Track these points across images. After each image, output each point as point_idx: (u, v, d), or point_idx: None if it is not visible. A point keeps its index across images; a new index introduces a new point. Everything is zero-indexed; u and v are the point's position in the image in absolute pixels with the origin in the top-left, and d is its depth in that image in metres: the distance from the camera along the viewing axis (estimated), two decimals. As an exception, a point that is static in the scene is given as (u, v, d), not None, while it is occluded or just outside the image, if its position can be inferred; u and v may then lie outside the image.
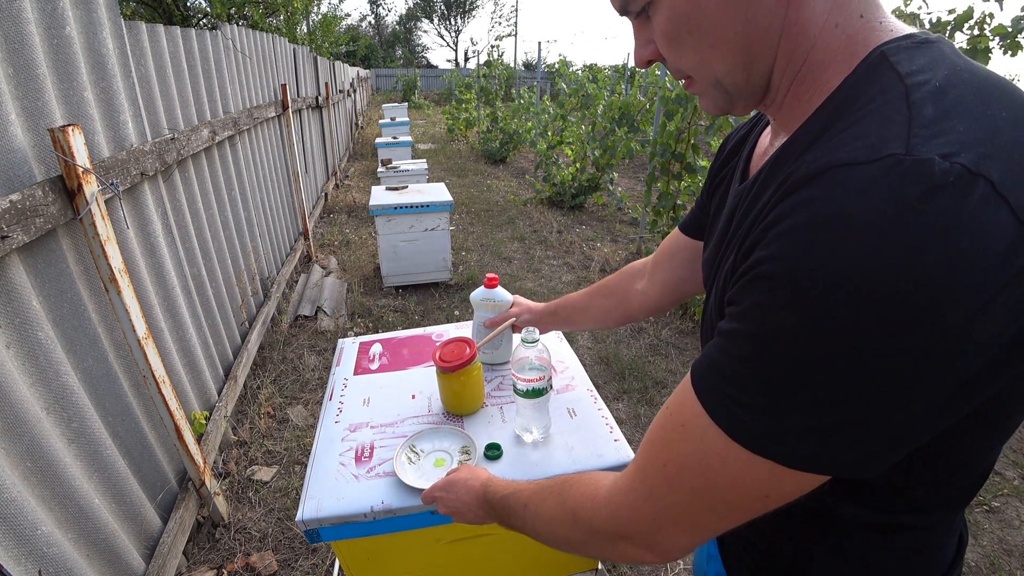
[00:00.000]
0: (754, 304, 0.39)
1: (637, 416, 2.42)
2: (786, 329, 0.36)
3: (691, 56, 0.47)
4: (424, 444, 0.98)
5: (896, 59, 0.40)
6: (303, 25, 9.18)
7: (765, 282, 0.38)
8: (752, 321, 0.39)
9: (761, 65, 0.46)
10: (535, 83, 8.60)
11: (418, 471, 0.92)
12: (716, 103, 0.51)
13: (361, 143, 10.34)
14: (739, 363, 0.40)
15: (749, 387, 0.39)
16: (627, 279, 0.98)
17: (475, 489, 0.73)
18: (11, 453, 1.05)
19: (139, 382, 1.54)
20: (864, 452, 0.37)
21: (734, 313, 0.41)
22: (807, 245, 0.35)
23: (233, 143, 2.68)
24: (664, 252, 0.88)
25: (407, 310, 3.40)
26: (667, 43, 0.47)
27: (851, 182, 0.35)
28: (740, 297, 0.40)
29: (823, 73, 0.44)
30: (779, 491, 0.40)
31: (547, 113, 7.30)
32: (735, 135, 0.70)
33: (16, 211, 1.06)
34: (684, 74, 0.50)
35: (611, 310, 0.99)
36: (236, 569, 1.67)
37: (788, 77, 0.46)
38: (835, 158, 0.36)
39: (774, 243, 0.37)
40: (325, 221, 5.28)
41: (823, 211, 0.35)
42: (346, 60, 18.43)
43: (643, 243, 4.46)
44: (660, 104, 3.67)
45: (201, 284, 2.13)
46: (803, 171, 0.38)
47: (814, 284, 0.34)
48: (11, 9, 1.14)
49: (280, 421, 2.36)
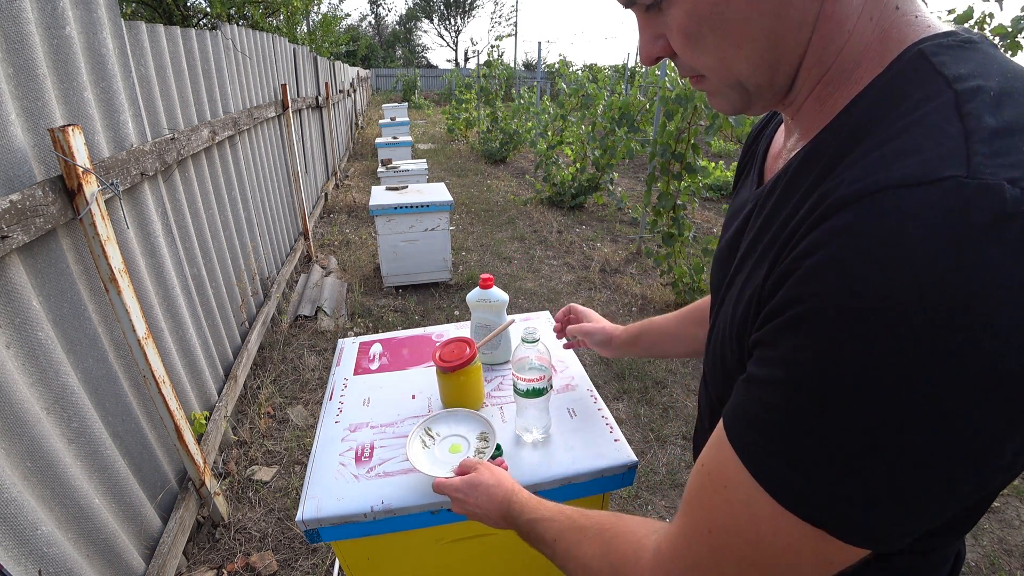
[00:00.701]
0: (795, 349, 0.34)
1: (637, 416, 2.42)
2: (838, 379, 0.32)
3: (711, 54, 0.42)
4: (440, 427, 0.95)
5: (939, 60, 0.36)
6: (303, 25, 9.18)
7: (806, 325, 0.33)
8: (794, 369, 0.34)
9: (788, 64, 0.42)
10: (535, 83, 8.60)
11: (431, 457, 0.88)
12: (732, 104, 0.47)
13: (361, 143, 10.34)
14: (782, 417, 0.35)
15: (796, 445, 0.34)
16: None
17: (497, 499, 0.69)
18: (11, 453, 1.05)
19: (139, 382, 1.54)
20: (934, 515, 0.33)
21: (771, 358, 0.36)
22: (855, 283, 0.31)
23: (233, 143, 2.67)
24: None
25: (407, 310, 3.40)
26: (684, 40, 0.43)
27: (904, 208, 0.30)
28: (775, 339, 0.36)
29: (853, 72, 0.40)
30: (845, 557, 0.35)
31: (547, 113, 7.30)
32: (759, 126, 0.66)
33: (16, 211, 1.06)
34: (697, 72, 0.46)
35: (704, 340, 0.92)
36: (236, 569, 1.67)
37: (815, 76, 0.42)
38: (882, 179, 0.32)
39: (814, 279, 0.33)
40: (325, 221, 5.27)
41: (871, 243, 0.31)
42: (346, 60, 18.44)
43: (643, 243, 4.46)
44: (660, 104, 3.67)
45: (201, 284, 2.13)
46: (842, 192, 0.34)
47: (866, 328, 0.30)
48: (11, 9, 1.14)
49: (280, 421, 2.36)
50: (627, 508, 1.94)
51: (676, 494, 2.00)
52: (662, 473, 2.10)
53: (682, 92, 3.30)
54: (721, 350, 0.50)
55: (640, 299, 3.59)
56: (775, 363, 0.36)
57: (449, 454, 0.89)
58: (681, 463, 2.15)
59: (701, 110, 3.25)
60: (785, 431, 0.35)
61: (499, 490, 0.70)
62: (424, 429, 0.94)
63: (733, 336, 0.46)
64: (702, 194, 3.74)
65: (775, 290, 0.37)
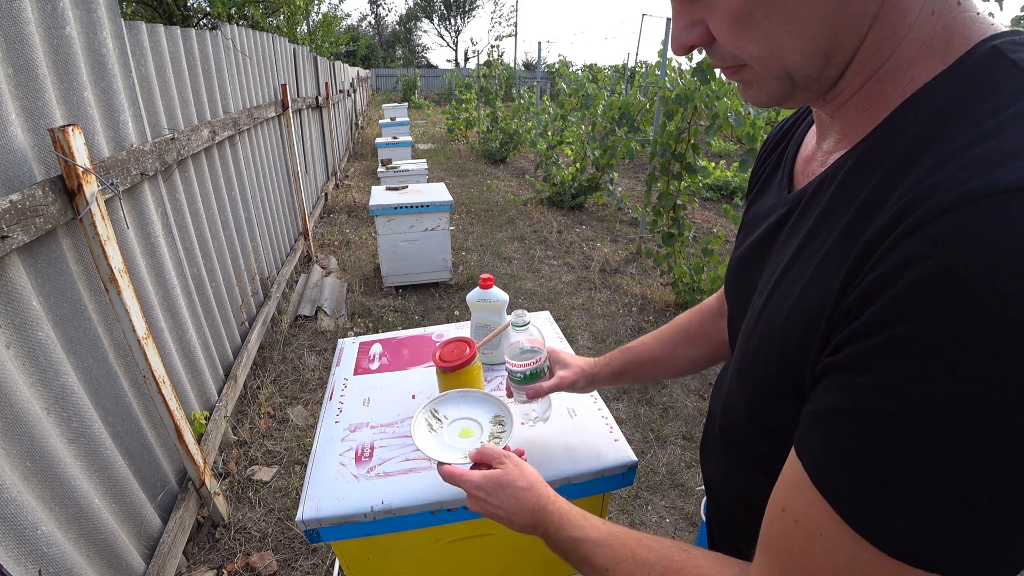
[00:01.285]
0: (900, 376, 0.30)
1: (637, 416, 2.42)
2: (962, 409, 0.28)
3: (761, 42, 0.39)
4: (448, 409, 0.85)
5: (1019, 57, 0.34)
6: (303, 25, 9.18)
7: (913, 347, 0.30)
8: (901, 398, 0.30)
9: (842, 55, 0.39)
10: (535, 83, 8.60)
11: (439, 441, 0.79)
12: (771, 96, 0.43)
13: (361, 143, 10.34)
14: (887, 455, 0.31)
15: (903, 488, 0.31)
16: (709, 320, 0.82)
17: (529, 506, 0.62)
18: (11, 453, 1.05)
19: (139, 382, 1.54)
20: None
21: (863, 386, 0.32)
22: (981, 297, 0.28)
23: (233, 143, 2.67)
24: None
25: (407, 310, 3.40)
26: (733, 25, 0.39)
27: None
28: (868, 364, 0.32)
29: (910, 68, 0.38)
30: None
31: (547, 113, 7.31)
32: (777, 132, 0.63)
33: (16, 211, 1.06)
34: (738, 62, 0.42)
35: (701, 359, 0.83)
36: (236, 569, 1.67)
37: (868, 71, 0.40)
38: (995, 180, 0.29)
39: (919, 295, 0.30)
40: (325, 221, 5.27)
41: (992, 252, 0.28)
42: (346, 60, 18.45)
43: (643, 243, 4.46)
44: (660, 104, 3.67)
45: (201, 284, 2.13)
46: (943, 197, 0.31)
47: (994, 348, 0.27)
48: (11, 9, 1.14)
49: (280, 421, 2.36)
50: (627, 508, 1.94)
51: (676, 494, 2.00)
52: (662, 473, 2.10)
53: (682, 92, 3.30)
54: (758, 365, 0.46)
55: (640, 299, 3.59)
56: (871, 392, 0.32)
57: (459, 439, 0.80)
58: (681, 463, 2.15)
59: (701, 110, 3.25)
60: (893, 472, 0.31)
61: (530, 495, 0.62)
62: (430, 411, 0.84)
63: (777, 354, 0.43)
64: (702, 194, 3.74)
65: (861, 308, 0.33)
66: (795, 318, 0.41)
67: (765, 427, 0.49)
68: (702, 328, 0.82)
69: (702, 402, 2.52)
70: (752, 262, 0.54)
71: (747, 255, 0.55)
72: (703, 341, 0.82)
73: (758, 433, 0.50)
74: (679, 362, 0.84)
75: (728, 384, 0.57)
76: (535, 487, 0.63)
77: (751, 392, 0.49)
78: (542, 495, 0.62)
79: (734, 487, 0.58)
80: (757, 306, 0.49)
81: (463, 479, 0.67)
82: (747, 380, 0.49)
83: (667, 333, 0.86)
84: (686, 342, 0.83)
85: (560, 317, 3.31)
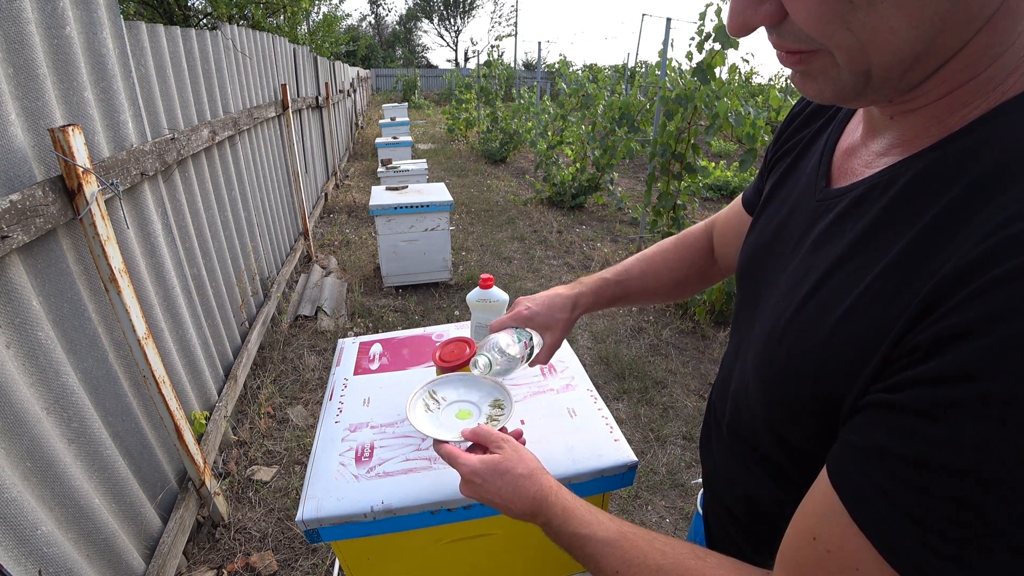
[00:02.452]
0: (978, 438, 0.28)
1: (637, 416, 2.42)
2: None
3: (856, 33, 0.33)
4: (447, 391, 0.84)
5: None
6: (304, 25, 9.19)
7: (999, 410, 0.27)
8: (980, 461, 0.28)
9: (934, 60, 0.35)
10: (535, 83, 8.60)
11: (435, 421, 0.78)
12: (836, 91, 0.38)
13: (361, 143, 10.34)
14: (950, 513, 0.29)
15: (965, 547, 0.29)
16: (701, 246, 0.83)
17: (528, 495, 0.59)
18: (11, 453, 1.05)
19: (139, 382, 1.54)
20: None
21: (930, 437, 0.30)
22: None
23: (233, 143, 2.68)
24: (731, 230, 0.76)
25: (407, 310, 3.40)
26: (824, 7, 0.34)
27: None
28: (936, 414, 0.30)
29: (1007, 78, 0.34)
30: None
31: (547, 113, 7.31)
32: (803, 110, 0.58)
33: (16, 211, 1.06)
34: (812, 46, 0.36)
35: (689, 280, 0.84)
36: (236, 569, 1.67)
37: (959, 79, 0.35)
38: None
39: (1011, 356, 0.27)
40: (325, 221, 5.28)
41: None
42: (346, 60, 18.45)
43: (643, 243, 4.46)
44: (660, 104, 3.67)
45: (201, 284, 2.13)
46: None
47: None
48: (11, 9, 1.14)
49: (280, 421, 2.36)
50: (627, 508, 1.94)
51: (676, 494, 2.00)
52: (662, 473, 2.10)
53: (682, 92, 3.30)
54: (787, 379, 0.44)
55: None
56: (941, 447, 0.30)
57: (456, 420, 0.78)
58: (681, 463, 2.15)
59: (701, 110, 3.25)
60: (959, 531, 0.29)
61: (530, 484, 0.59)
62: (428, 392, 0.83)
63: (811, 373, 0.41)
64: (702, 194, 3.74)
65: (933, 351, 0.31)
66: (839, 340, 0.38)
67: (783, 438, 0.47)
68: (695, 250, 0.83)
69: (702, 402, 2.52)
70: (773, 254, 0.51)
71: (769, 244, 0.52)
72: (695, 263, 0.83)
73: (774, 441, 0.48)
74: (666, 280, 0.85)
75: (743, 383, 0.53)
76: (535, 475, 0.60)
77: (773, 401, 0.46)
78: (543, 484, 0.59)
79: (738, 485, 0.57)
80: (784, 311, 0.45)
81: (459, 461, 0.64)
82: (770, 389, 0.46)
83: (669, 252, 0.85)
84: (679, 264, 0.84)
85: (560, 317, 3.30)
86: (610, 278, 0.86)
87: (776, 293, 0.49)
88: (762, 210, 0.59)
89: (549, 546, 0.62)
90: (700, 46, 3.12)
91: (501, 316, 0.86)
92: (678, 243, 0.86)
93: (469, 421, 0.78)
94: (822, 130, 0.54)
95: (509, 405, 0.79)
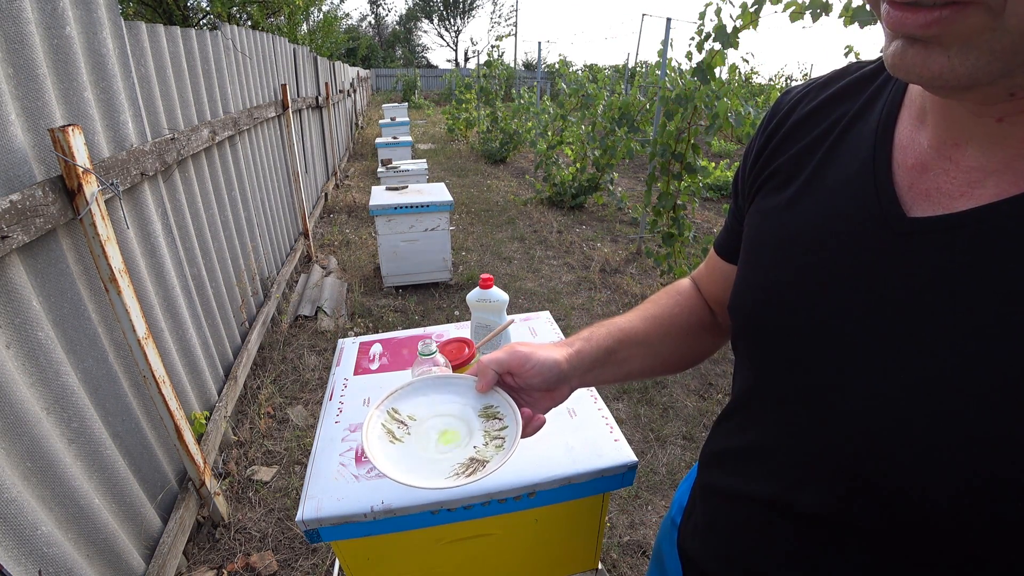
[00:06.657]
0: None
1: (637, 416, 2.42)
2: None
3: None
4: (413, 406, 0.61)
5: None
6: (304, 25, 9.19)
7: None
8: None
9: None
10: (535, 83, 8.60)
11: (407, 452, 0.55)
12: (971, 70, 0.29)
13: (361, 143, 10.34)
14: None
15: None
16: (689, 311, 0.69)
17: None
18: (11, 453, 1.05)
19: (139, 382, 1.54)
20: None
21: None
22: None
23: (233, 143, 2.68)
24: (717, 284, 0.66)
25: (407, 310, 3.40)
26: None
27: None
28: None
29: None
30: None
31: (547, 113, 7.30)
32: (782, 122, 0.49)
33: (16, 211, 1.06)
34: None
35: (686, 355, 0.70)
36: (236, 569, 1.67)
37: None
38: None
39: None
40: (325, 221, 5.28)
41: None
42: (346, 60, 18.46)
43: (643, 243, 4.46)
44: (660, 104, 3.67)
45: (201, 284, 2.13)
46: None
47: None
48: (11, 9, 1.14)
49: (280, 421, 2.36)
50: (627, 508, 1.94)
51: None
52: (662, 473, 2.10)
53: (682, 92, 3.30)
54: None
55: (640, 299, 3.58)
56: None
57: (440, 447, 0.57)
58: (681, 463, 2.15)
59: (701, 110, 3.25)
60: None
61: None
62: (387, 412, 0.60)
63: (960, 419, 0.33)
64: (702, 194, 3.74)
65: None
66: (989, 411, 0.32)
67: None
68: (681, 318, 0.68)
69: (702, 402, 2.52)
70: (828, 297, 0.40)
71: (824, 284, 0.40)
72: (687, 334, 0.68)
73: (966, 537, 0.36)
74: (665, 358, 0.69)
75: (906, 462, 0.38)
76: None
77: None
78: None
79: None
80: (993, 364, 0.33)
81: None
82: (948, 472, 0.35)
83: (649, 316, 0.68)
84: (669, 336, 0.68)
85: (560, 317, 3.31)
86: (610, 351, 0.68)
87: (913, 347, 0.36)
88: (760, 246, 0.48)
89: (549, 546, 0.61)
90: (700, 46, 3.12)
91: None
92: (667, 293, 0.72)
93: (459, 446, 0.56)
94: (836, 145, 0.44)
95: (509, 409, 0.58)
